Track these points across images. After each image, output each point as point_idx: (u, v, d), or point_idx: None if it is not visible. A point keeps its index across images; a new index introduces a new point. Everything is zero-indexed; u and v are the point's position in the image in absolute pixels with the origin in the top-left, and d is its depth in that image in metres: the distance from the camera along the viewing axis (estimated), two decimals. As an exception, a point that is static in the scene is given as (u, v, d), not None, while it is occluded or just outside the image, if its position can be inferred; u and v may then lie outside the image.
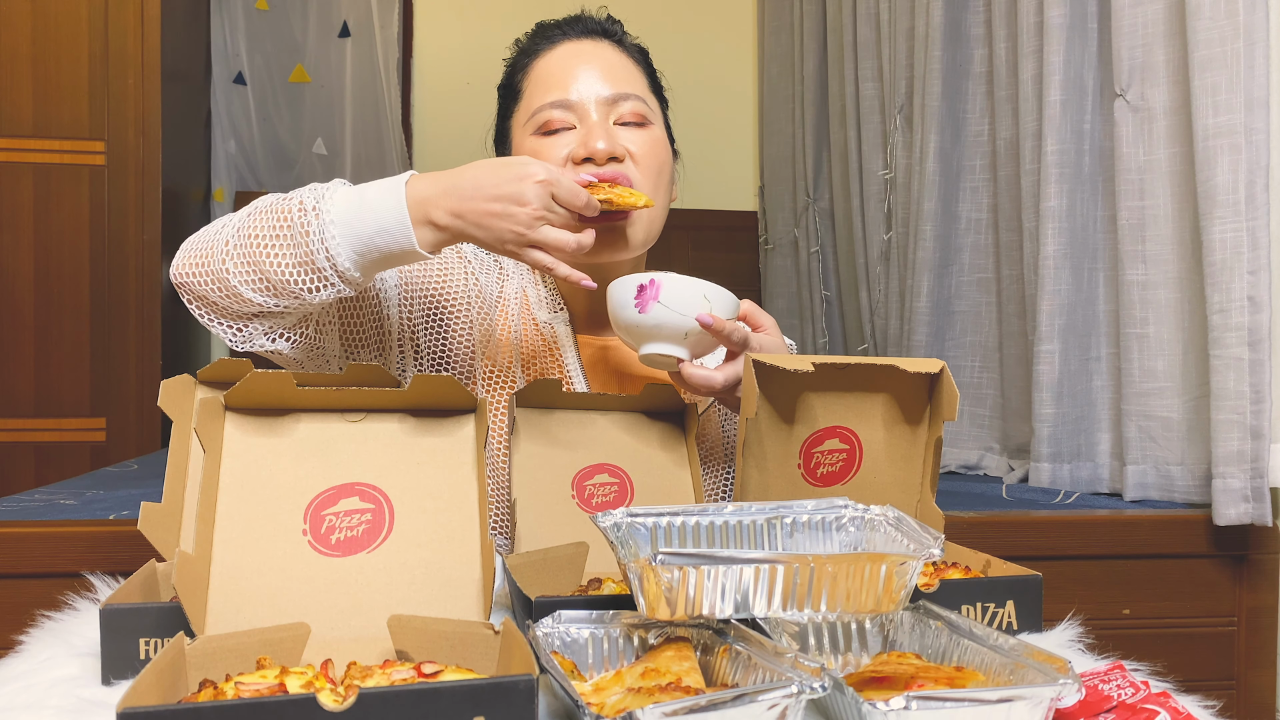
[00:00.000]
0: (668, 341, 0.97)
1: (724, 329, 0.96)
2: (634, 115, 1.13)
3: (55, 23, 2.59)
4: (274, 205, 0.96)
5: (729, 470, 1.22)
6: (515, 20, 3.21)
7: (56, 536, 1.32)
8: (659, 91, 1.24)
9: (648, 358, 0.99)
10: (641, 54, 1.23)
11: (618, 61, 1.16)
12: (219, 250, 0.96)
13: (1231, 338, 1.48)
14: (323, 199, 0.93)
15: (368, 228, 0.92)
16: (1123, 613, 1.52)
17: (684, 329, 0.96)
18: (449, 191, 0.93)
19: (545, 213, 0.93)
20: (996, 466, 2.12)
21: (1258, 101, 1.47)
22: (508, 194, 0.92)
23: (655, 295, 0.96)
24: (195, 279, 0.98)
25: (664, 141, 1.17)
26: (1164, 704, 0.64)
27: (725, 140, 3.58)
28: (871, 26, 2.63)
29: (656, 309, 0.96)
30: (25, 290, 2.60)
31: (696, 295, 0.96)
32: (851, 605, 0.66)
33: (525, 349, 1.19)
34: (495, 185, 0.92)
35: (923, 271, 2.24)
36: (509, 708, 0.55)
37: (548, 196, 0.93)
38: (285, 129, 3.42)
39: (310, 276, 0.93)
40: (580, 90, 1.12)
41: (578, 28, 1.19)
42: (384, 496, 0.75)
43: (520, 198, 0.92)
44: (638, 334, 0.98)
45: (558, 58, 1.16)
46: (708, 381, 0.98)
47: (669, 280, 0.96)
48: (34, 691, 0.68)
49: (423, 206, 0.93)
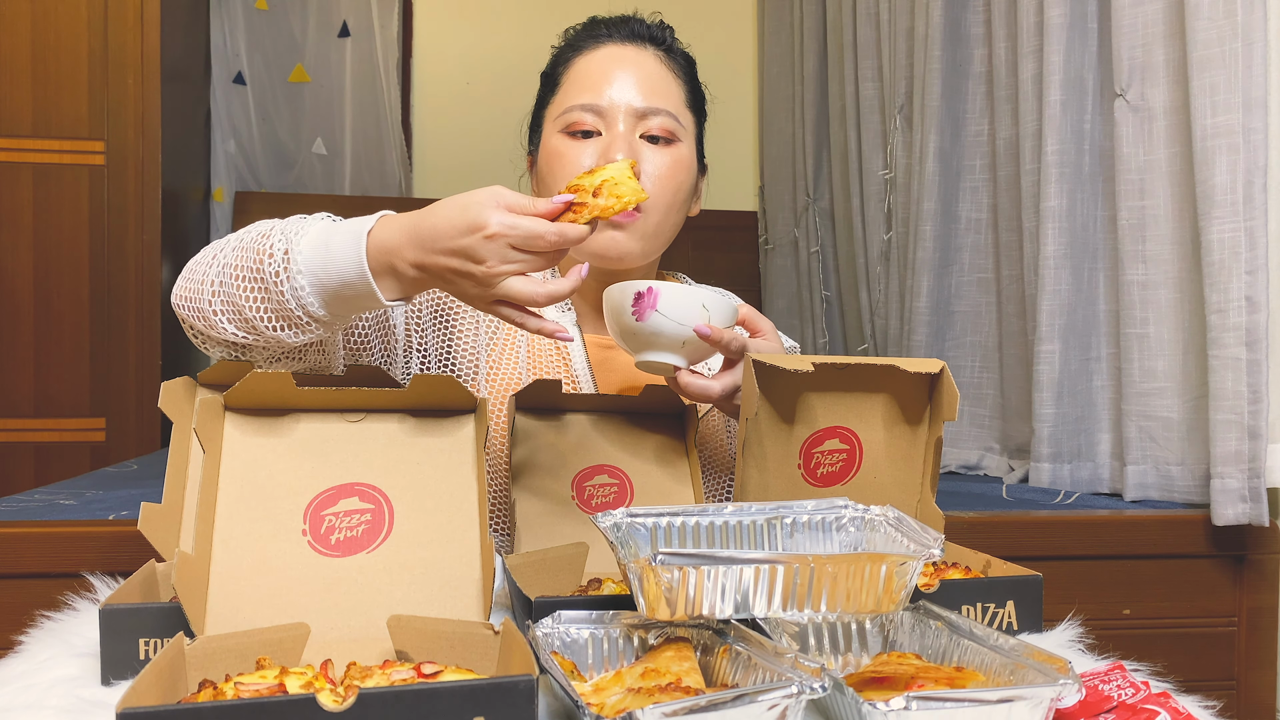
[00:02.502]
0: (665, 350, 0.96)
1: (722, 339, 0.95)
2: (662, 130, 1.12)
3: (55, 23, 2.59)
4: (253, 243, 0.93)
5: (730, 480, 1.21)
6: (515, 20, 3.23)
7: (56, 536, 1.32)
8: (698, 104, 1.22)
9: (644, 364, 0.98)
10: (687, 64, 1.21)
11: (656, 73, 1.15)
12: (206, 288, 0.94)
13: (1229, 338, 1.48)
14: (293, 243, 0.89)
15: (332, 279, 0.88)
16: (1123, 613, 1.52)
17: (681, 338, 0.95)
18: (412, 240, 0.87)
19: (503, 266, 0.85)
20: (996, 466, 2.12)
21: (1256, 101, 1.47)
22: (462, 248, 0.84)
23: (653, 304, 0.94)
24: (188, 313, 0.97)
25: (687, 161, 1.15)
26: (1164, 704, 0.64)
27: (725, 140, 3.58)
28: (871, 26, 2.63)
29: (654, 317, 0.94)
30: (25, 290, 2.60)
31: (695, 305, 0.94)
32: (851, 605, 0.66)
33: (532, 348, 1.19)
34: (451, 237, 0.85)
35: (923, 271, 2.24)
36: (509, 708, 0.55)
37: (504, 248, 0.84)
38: (285, 129, 3.41)
39: (284, 322, 0.91)
40: (613, 96, 1.11)
41: (624, 30, 1.17)
42: (384, 496, 0.75)
43: (474, 254, 0.84)
44: (635, 341, 0.97)
45: (598, 59, 1.15)
46: (704, 390, 0.97)
47: (667, 289, 0.94)
48: (34, 691, 0.68)
49: (387, 256, 0.88)
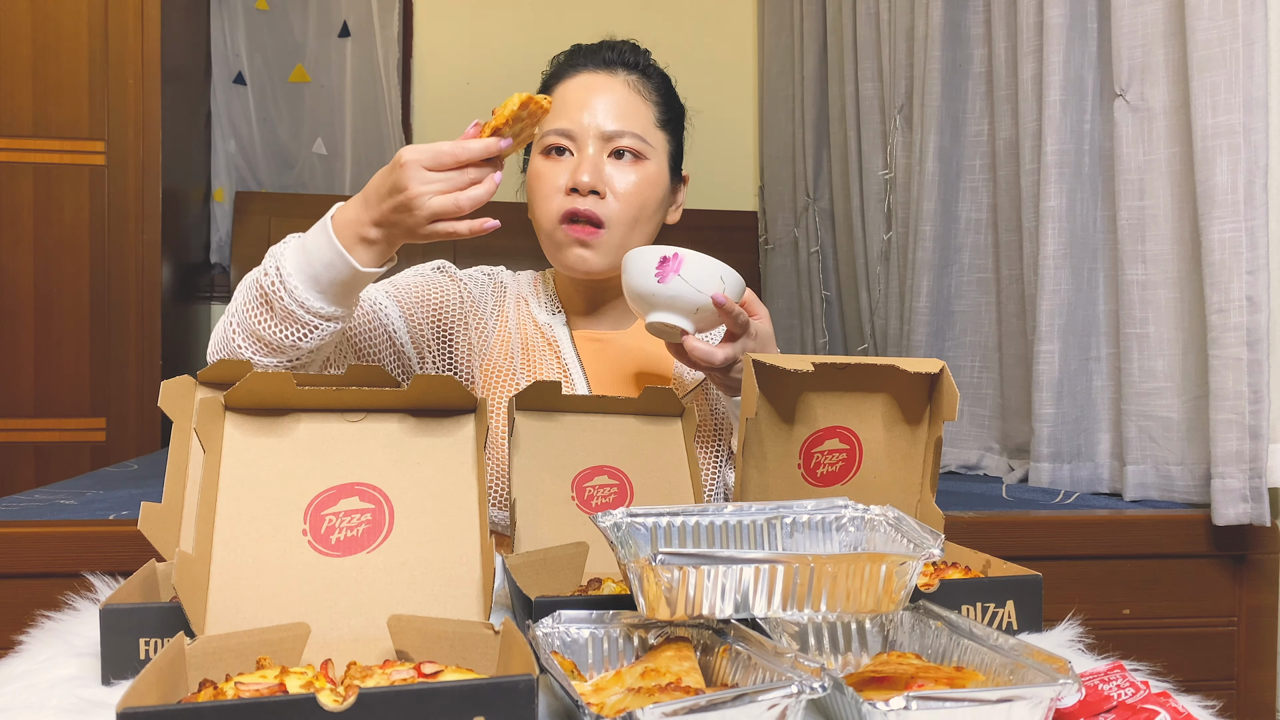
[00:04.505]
0: (679, 314, 1.04)
1: (733, 310, 1.03)
2: (629, 149, 1.22)
3: (55, 23, 2.59)
4: (252, 281, 1.05)
5: (718, 445, 1.26)
6: (515, 20, 3.23)
7: (56, 536, 1.32)
8: (673, 121, 1.30)
9: (654, 326, 1.06)
10: (661, 83, 1.29)
11: (625, 99, 1.24)
12: (228, 333, 1.06)
13: (1230, 338, 1.48)
14: (280, 257, 1.02)
15: (315, 267, 1.00)
16: (1123, 613, 1.52)
17: (696, 304, 1.02)
18: (363, 205, 1.00)
19: (422, 187, 0.96)
20: (996, 466, 2.12)
21: (1256, 101, 1.47)
22: (389, 186, 0.97)
23: (676, 269, 1.02)
24: (222, 355, 1.08)
25: (653, 177, 1.24)
26: (1164, 704, 0.64)
27: (725, 140, 3.58)
28: (871, 26, 2.63)
29: (675, 281, 1.02)
30: (25, 290, 2.60)
31: (714, 274, 1.02)
32: (851, 605, 0.66)
33: (525, 349, 1.25)
34: (380, 185, 0.98)
35: (922, 271, 2.24)
36: (509, 708, 0.55)
37: (418, 170, 0.96)
38: (285, 129, 3.41)
39: (295, 328, 1.02)
40: (583, 122, 1.22)
41: (597, 59, 1.27)
42: (384, 496, 0.75)
43: (398, 185, 0.96)
44: (652, 302, 1.04)
45: (574, 87, 1.25)
46: (709, 356, 1.05)
47: (691, 256, 1.02)
48: (34, 691, 0.68)
49: (351, 229, 1.00)
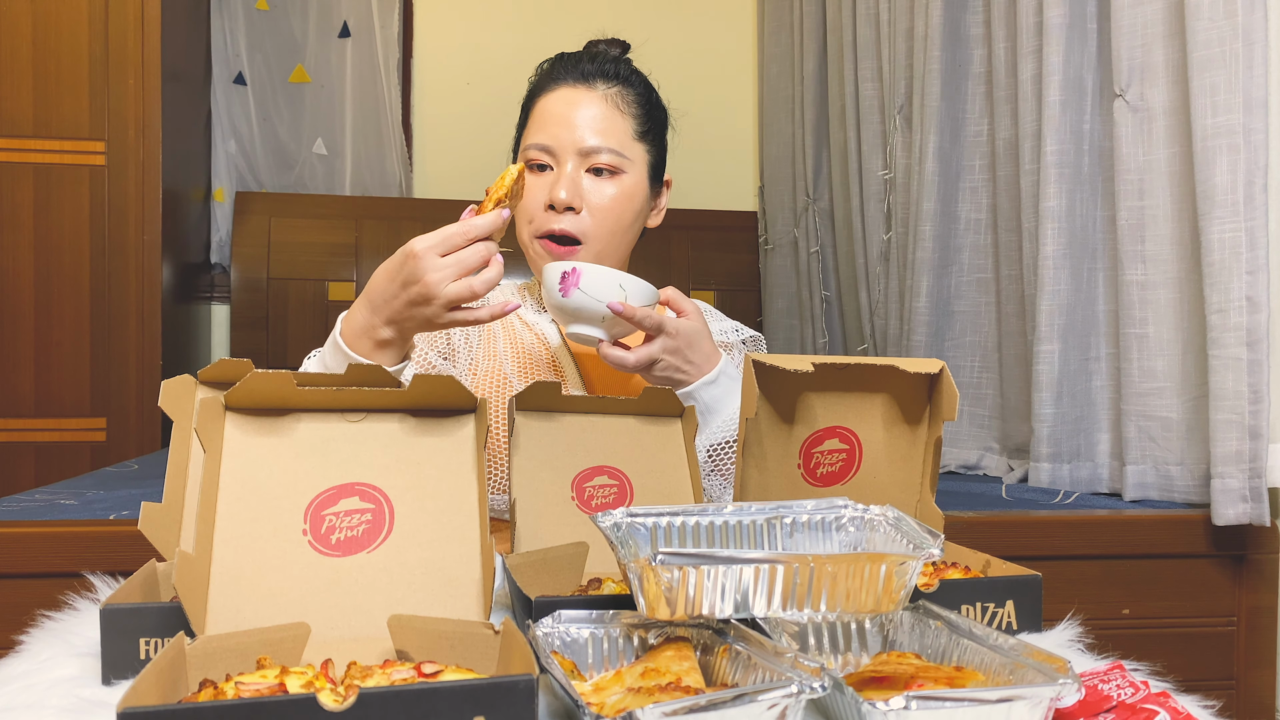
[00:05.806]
0: (587, 324, 1.10)
1: (634, 315, 1.08)
2: (605, 165, 1.24)
3: (55, 23, 2.59)
4: None
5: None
6: (515, 21, 3.23)
7: (56, 536, 1.32)
8: (653, 130, 1.30)
9: (572, 335, 1.12)
10: (642, 92, 1.30)
11: (602, 113, 1.25)
12: None
13: (1230, 338, 1.47)
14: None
15: None
16: (1122, 613, 1.52)
17: (600, 313, 1.09)
18: (370, 309, 1.01)
19: (436, 274, 0.97)
20: (996, 466, 2.12)
21: (1256, 102, 1.47)
22: (403, 280, 0.98)
23: (576, 282, 1.08)
24: None
25: (631, 191, 1.26)
26: (1163, 704, 0.64)
27: (725, 140, 3.58)
28: (871, 26, 2.63)
29: (577, 294, 1.08)
30: (25, 290, 2.60)
31: (612, 284, 1.08)
32: (851, 605, 0.66)
33: (520, 351, 1.28)
34: (392, 280, 0.99)
35: (922, 271, 2.24)
36: (509, 708, 0.55)
37: (432, 258, 0.97)
38: (285, 129, 3.41)
39: None
40: (561, 138, 1.24)
41: (576, 73, 1.28)
42: (384, 496, 0.75)
43: (412, 277, 0.97)
44: (563, 315, 1.11)
45: (553, 101, 1.27)
46: (620, 360, 1.11)
47: (589, 270, 1.08)
48: (34, 691, 0.68)
49: (364, 337, 1.02)
